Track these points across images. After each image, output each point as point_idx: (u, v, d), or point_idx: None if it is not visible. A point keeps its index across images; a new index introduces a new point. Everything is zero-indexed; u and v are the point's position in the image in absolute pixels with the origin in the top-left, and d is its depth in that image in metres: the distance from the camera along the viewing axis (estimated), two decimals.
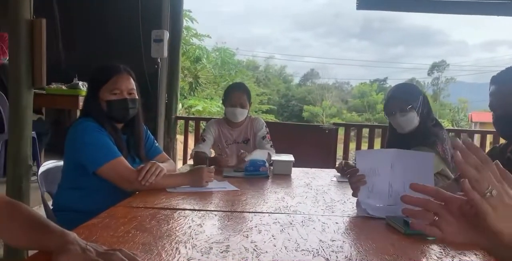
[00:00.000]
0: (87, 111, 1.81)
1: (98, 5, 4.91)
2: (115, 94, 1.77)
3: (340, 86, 36.98)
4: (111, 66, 1.81)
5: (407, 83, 2.39)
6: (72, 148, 1.74)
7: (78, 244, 0.85)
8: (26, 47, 2.13)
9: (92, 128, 1.71)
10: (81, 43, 4.99)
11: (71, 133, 1.75)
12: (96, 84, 1.79)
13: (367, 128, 4.90)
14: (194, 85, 14.03)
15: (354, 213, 1.43)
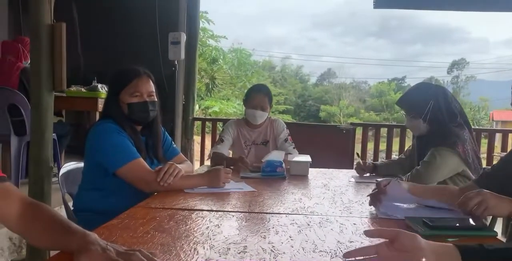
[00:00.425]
0: (107, 113, 1.84)
1: (116, 9, 4.98)
2: (135, 96, 1.80)
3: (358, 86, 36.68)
4: (131, 69, 1.84)
5: (419, 86, 2.32)
6: (93, 149, 1.77)
7: (98, 244, 0.87)
8: (46, 51, 2.18)
9: (112, 130, 1.73)
10: (100, 46, 5.07)
11: (91, 135, 1.78)
12: (117, 87, 1.82)
13: (385, 128, 4.85)
14: (211, 86, 14.10)
15: (372, 214, 1.41)
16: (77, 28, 5.09)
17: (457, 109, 2.12)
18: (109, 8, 5.02)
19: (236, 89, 15.83)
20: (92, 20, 5.10)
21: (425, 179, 1.96)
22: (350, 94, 32.91)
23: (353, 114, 28.19)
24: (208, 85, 14.04)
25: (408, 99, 2.21)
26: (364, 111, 29.48)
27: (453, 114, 2.10)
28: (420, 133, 2.18)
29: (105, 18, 5.04)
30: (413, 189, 1.49)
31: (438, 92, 2.13)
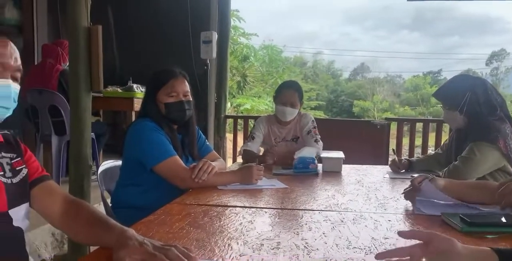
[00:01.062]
0: (145, 112, 1.90)
1: (149, 10, 5.09)
2: (172, 96, 1.85)
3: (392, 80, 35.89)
4: (167, 70, 1.90)
5: (456, 77, 2.25)
6: (131, 146, 1.83)
7: (136, 239, 0.90)
8: (84, 53, 2.25)
9: (150, 128, 1.79)
10: (134, 47, 5.20)
11: (130, 132, 1.84)
12: (154, 87, 1.88)
13: (421, 123, 4.74)
14: (242, 84, 14.15)
15: (407, 211, 1.39)
16: (112, 30, 5.24)
17: (497, 102, 2.03)
18: (143, 10, 5.14)
19: (267, 86, 15.82)
20: (127, 21, 5.24)
21: (463, 175, 1.90)
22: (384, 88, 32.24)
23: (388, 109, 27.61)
24: (240, 82, 14.10)
25: (444, 90, 2.16)
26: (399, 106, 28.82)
27: (493, 107, 2.02)
28: (457, 126, 2.12)
29: (139, 19, 5.16)
30: (450, 185, 1.45)
31: (477, 83, 2.05)
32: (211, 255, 0.93)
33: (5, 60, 1.00)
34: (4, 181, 1.05)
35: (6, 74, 1.01)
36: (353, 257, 0.94)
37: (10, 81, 1.02)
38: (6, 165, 1.08)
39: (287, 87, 2.65)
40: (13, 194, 1.05)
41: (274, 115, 2.70)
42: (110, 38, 5.19)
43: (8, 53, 1.01)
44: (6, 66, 1.00)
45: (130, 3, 5.20)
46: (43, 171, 1.17)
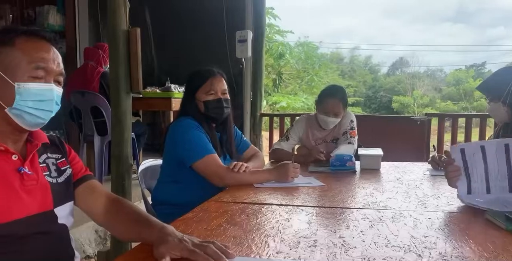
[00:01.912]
0: (185, 111, 1.95)
1: (186, 11, 5.18)
2: (210, 94, 1.90)
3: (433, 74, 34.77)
4: (206, 69, 1.95)
5: (501, 70, 2.15)
6: (173, 144, 1.88)
7: (176, 235, 0.92)
8: (123, 56, 2.31)
9: (192, 126, 1.84)
10: (171, 48, 5.31)
11: (172, 130, 1.90)
12: (193, 86, 1.94)
13: (463, 118, 4.57)
14: (278, 82, 14.13)
15: (449, 208, 1.35)
16: (150, 31, 5.36)
17: None
18: (178, 11, 5.23)
19: (303, 83, 15.71)
20: (163, 23, 5.35)
21: None
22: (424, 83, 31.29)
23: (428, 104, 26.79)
24: (275, 80, 14.09)
25: (488, 82, 2.09)
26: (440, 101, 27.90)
27: None
28: (501, 119, 2.04)
29: (175, 20, 5.25)
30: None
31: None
32: (248, 252, 0.94)
33: (49, 65, 1.05)
34: (50, 180, 1.10)
35: (49, 78, 1.05)
36: (392, 256, 0.92)
37: (53, 85, 1.06)
38: (52, 165, 1.13)
39: (330, 96, 2.50)
40: (58, 193, 1.10)
41: (315, 117, 2.61)
42: (148, 40, 5.32)
43: (51, 58, 1.06)
44: (50, 71, 1.05)
45: (166, 4, 5.30)
46: (87, 170, 1.22)
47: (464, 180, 1.41)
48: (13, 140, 1.06)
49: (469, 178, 1.41)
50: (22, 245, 1.01)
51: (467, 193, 1.40)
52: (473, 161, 1.41)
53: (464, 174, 1.41)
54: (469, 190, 1.40)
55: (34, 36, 1.06)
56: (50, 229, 1.08)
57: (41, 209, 1.06)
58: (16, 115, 1.02)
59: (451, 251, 0.95)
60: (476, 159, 1.40)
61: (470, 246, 0.99)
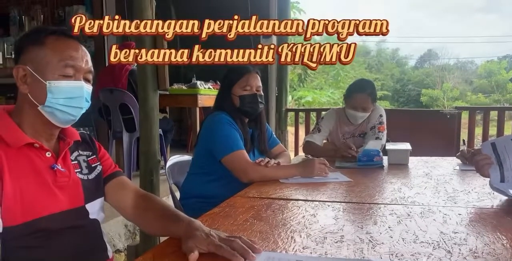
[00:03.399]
0: (220, 105, 2.00)
1: (210, 6, 5.19)
2: (246, 90, 1.96)
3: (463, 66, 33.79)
4: (243, 66, 2.01)
5: None
6: (206, 137, 1.93)
7: (203, 230, 0.94)
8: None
9: (225, 121, 1.89)
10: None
11: (206, 124, 1.95)
12: (230, 81, 1.99)
13: (495, 111, 4.44)
14: (303, 77, 14.06)
15: (480, 204, 1.32)
16: None
17: None
18: (203, 7, 5.25)
19: (329, 78, 15.59)
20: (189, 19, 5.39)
21: None
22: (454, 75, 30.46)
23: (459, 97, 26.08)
24: (300, 75, 14.02)
25: None
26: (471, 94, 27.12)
27: None
28: None
29: (200, 17, 5.28)
30: None
31: None
32: (274, 247, 0.95)
33: (78, 63, 1.08)
34: (81, 177, 1.13)
35: (79, 76, 1.08)
36: (420, 252, 0.91)
37: (83, 82, 1.09)
38: (83, 162, 1.16)
39: (359, 91, 2.49)
40: (89, 189, 1.14)
41: (343, 111, 2.59)
42: (174, 37, 5.37)
43: (80, 56, 1.09)
44: (79, 69, 1.08)
45: (192, 1, 5.34)
46: (116, 167, 1.25)
47: (497, 168, 1.37)
48: (47, 137, 1.10)
49: (502, 166, 1.37)
50: (56, 239, 1.05)
51: (500, 181, 1.36)
52: (504, 152, 1.37)
53: (496, 163, 1.37)
54: (502, 178, 1.37)
55: (63, 35, 1.09)
56: (82, 223, 1.11)
57: (73, 205, 1.09)
58: (49, 112, 1.06)
59: (482, 247, 0.93)
60: (508, 150, 1.37)
61: (502, 242, 0.96)
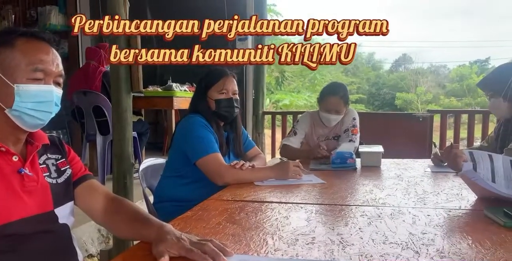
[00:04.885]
0: (195, 108, 1.99)
1: (186, 8, 5.17)
2: (222, 94, 1.95)
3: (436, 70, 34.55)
4: (220, 69, 2.01)
5: (501, 66, 2.16)
6: (180, 139, 1.91)
7: (174, 234, 0.93)
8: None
9: (200, 124, 1.88)
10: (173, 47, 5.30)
11: (181, 126, 1.94)
12: (206, 85, 1.98)
13: (466, 114, 4.56)
14: (281, 80, 14.14)
15: (448, 205, 1.35)
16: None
17: None
18: (180, 10, 5.23)
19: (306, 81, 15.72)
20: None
21: None
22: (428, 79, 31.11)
23: (432, 101, 26.65)
24: (278, 78, 14.09)
25: (487, 78, 2.10)
26: (444, 97, 27.76)
27: None
28: (501, 115, 2.04)
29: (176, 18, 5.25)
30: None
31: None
32: (246, 250, 0.95)
33: (48, 67, 1.06)
34: (49, 181, 1.11)
35: (48, 80, 1.06)
36: (389, 253, 0.93)
37: (53, 86, 1.07)
38: (52, 166, 1.14)
39: (331, 94, 2.52)
40: (58, 193, 1.12)
41: (318, 114, 2.63)
42: (150, 39, 5.32)
43: (50, 59, 1.06)
44: (49, 72, 1.06)
45: (168, 2, 5.30)
46: (86, 170, 1.23)
47: (470, 163, 1.41)
48: (13, 141, 1.07)
49: (475, 164, 1.41)
50: (25, 244, 1.02)
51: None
52: (480, 159, 1.42)
53: (470, 159, 1.41)
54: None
55: (34, 37, 1.07)
56: (51, 228, 1.09)
57: (42, 210, 1.07)
58: (16, 116, 1.03)
59: (448, 247, 0.96)
60: (483, 158, 1.42)
61: (468, 242, 0.99)
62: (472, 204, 1.37)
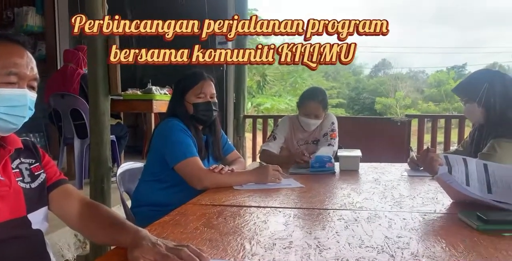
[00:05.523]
0: (173, 112, 1.97)
1: (167, 11, 5.15)
2: (200, 97, 1.94)
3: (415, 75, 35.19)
4: (197, 72, 2.00)
5: (475, 72, 2.22)
6: (159, 143, 1.90)
7: (149, 239, 0.92)
8: (102, 58, 2.30)
9: (178, 128, 1.87)
10: None
11: (160, 130, 1.92)
12: (184, 88, 1.97)
13: (443, 119, 4.65)
14: (262, 83, 14.18)
15: (423, 209, 1.37)
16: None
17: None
18: (161, 12, 5.20)
19: (287, 85, 15.80)
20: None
21: None
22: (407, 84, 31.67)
23: (411, 105, 27.13)
24: (259, 82, 14.14)
25: (462, 84, 2.14)
26: (422, 102, 28.29)
27: (509, 100, 1.97)
28: (476, 120, 2.09)
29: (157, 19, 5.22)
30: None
31: (495, 76, 2.02)
32: (223, 255, 0.94)
33: (22, 70, 1.03)
34: (23, 186, 1.09)
35: (22, 83, 1.04)
36: (365, 256, 0.94)
37: (27, 90, 1.05)
38: (25, 171, 1.12)
39: (310, 98, 2.54)
40: (32, 198, 1.09)
41: (297, 118, 2.65)
42: (130, 41, 5.28)
43: (25, 63, 1.04)
44: (23, 76, 1.04)
45: (148, 5, 5.27)
46: (61, 175, 1.20)
47: (446, 167, 1.44)
48: None
49: (450, 168, 1.44)
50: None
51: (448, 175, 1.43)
52: (455, 163, 1.45)
53: (445, 163, 1.44)
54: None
55: (8, 40, 1.05)
56: (24, 234, 1.06)
57: (14, 215, 1.04)
58: None
59: (423, 251, 0.97)
60: (458, 162, 1.45)
61: (441, 245, 1.01)
62: (447, 208, 1.40)
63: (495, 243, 1.01)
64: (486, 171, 1.45)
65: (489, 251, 0.96)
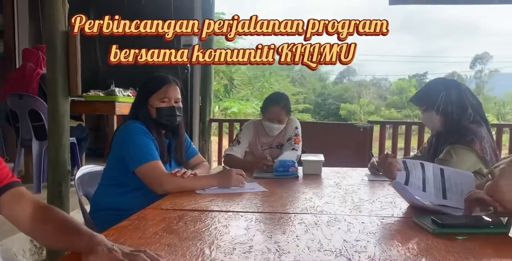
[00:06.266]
0: (135, 115, 1.93)
1: (131, 12, 5.06)
2: (164, 102, 1.90)
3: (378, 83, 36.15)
4: (162, 76, 1.96)
5: (432, 81, 2.31)
6: (119, 146, 1.85)
7: (105, 245, 0.89)
8: (62, 58, 2.23)
9: (140, 130, 1.82)
10: None
11: (120, 132, 1.88)
12: (147, 91, 1.92)
13: (404, 125, 4.79)
14: (229, 87, 14.17)
15: (382, 213, 1.40)
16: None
17: (470, 103, 2.07)
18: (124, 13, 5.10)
19: (254, 90, 15.86)
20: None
21: None
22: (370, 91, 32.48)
23: (374, 112, 27.82)
24: (227, 86, 14.12)
25: (420, 93, 2.21)
26: (385, 109, 29.07)
27: (464, 108, 2.05)
28: (434, 127, 2.16)
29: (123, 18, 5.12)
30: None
31: (451, 85, 2.12)
32: (181, 260, 0.93)
33: None
34: None
35: None
36: (323, 260, 0.95)
37: None
38: None
39: (273, 104, 2.55)
40: None
41: (261, 123, 2.65)
42: (93, 41, 5.16)
43: None
44: None
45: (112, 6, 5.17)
46: (13, 177, 1.15)
47: (404, 172, 1.48)
48: None
49: (408, 173, 1.48)
50: None
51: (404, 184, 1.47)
52: (413, 167, 1.49)
53: (403, 168, 1.48)
54: (406, 182, 1.48)
55: None
56: None
57: None
58: None
59: (379, 254, 0.99)
60: (416, 167, 1.50)
61: (397, 249, 1.03)
62: (404, 212, 1.43)
63: (448, 246, 1.04)
64: (443, 175, 1.49)
65: (442, 253, 0.99)
